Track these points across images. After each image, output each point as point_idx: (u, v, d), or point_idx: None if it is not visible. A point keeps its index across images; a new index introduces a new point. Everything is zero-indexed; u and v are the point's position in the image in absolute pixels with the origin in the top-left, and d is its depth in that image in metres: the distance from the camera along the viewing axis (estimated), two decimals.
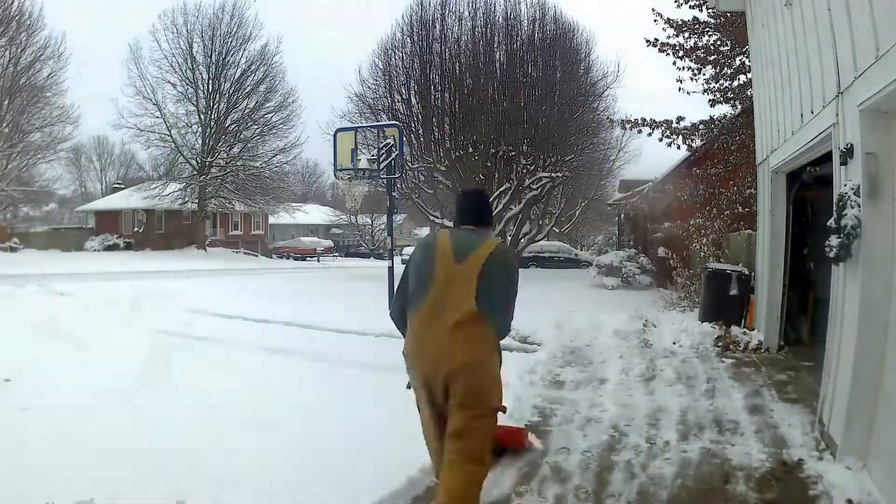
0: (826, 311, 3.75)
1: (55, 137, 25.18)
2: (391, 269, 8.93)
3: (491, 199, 18.03)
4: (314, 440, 3.33)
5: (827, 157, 3.98)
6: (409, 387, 2.56)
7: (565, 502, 2.82)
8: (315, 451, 3.16)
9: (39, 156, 25.59)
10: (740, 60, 9.73)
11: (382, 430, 3.41)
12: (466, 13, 18.36)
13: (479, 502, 2.39)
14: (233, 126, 27.86)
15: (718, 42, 10.06)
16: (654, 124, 10.35)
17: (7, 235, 29.33)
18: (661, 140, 10.36)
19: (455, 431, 2.34)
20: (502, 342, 2.53)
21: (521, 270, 2.95)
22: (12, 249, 26.25)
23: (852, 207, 3.10)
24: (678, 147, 10.63)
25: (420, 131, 18.59)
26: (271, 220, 39.64)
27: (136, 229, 32.88)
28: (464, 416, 2.33)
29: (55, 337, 6.14)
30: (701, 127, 10.35)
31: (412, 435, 2.75)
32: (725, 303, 7.03)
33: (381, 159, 8.72)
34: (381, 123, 13.40)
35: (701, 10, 9.89)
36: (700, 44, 10.22)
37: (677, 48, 10.27)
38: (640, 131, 10.51)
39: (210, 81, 27.33)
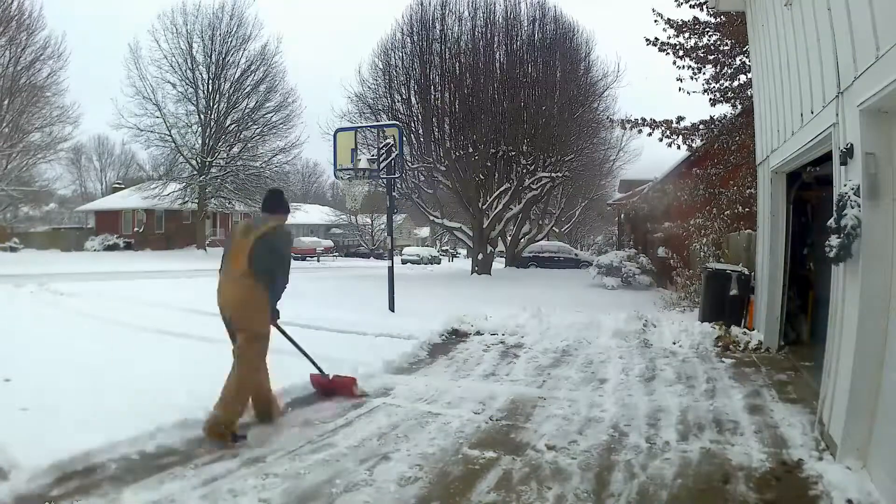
0: (826, 311, 3.75)
1: (55, 137, 25.22)
2: (391, 268, 8.94)
3: (491, 199, 18.22)
4: None
5: (827, 157, 3.98)
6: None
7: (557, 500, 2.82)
8: None
9: (39, 156, 25.61)
10: (740, 60, 9.73)
11: None
12: (466, 13, 18.38)
13: (249, 400, 3.62)
14: (233, 126, 27.87)
15: (718, 42, 10.06)
16: (654, 124, 10.37)
17: (7, 235, 29.33)
18: (661, 140, 10.39)
19: (236, 347, 3.64)
20: None
21: (520, 270, 2.97)
22: (12, 249, 26.27)
23: (852, 207, 3.10)
24: (678, 147, 10.66)
25: (420, 131, 18.58)
26: None
27: (136, 229, 32.89)
28: (239, 336, 3.61)
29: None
30: (701, 127, 10.35)
31: None
32: (725, 303, 7.04)
33: (381, 159, 8.73)
34: (381, 123, 13.39)
35: (701, 10, 9.89)
36: (700, 43, 10.22)
37: (677, 47, 10.28)
38: (640, 131, 10.53)
39: (210, 81, 27.34)
